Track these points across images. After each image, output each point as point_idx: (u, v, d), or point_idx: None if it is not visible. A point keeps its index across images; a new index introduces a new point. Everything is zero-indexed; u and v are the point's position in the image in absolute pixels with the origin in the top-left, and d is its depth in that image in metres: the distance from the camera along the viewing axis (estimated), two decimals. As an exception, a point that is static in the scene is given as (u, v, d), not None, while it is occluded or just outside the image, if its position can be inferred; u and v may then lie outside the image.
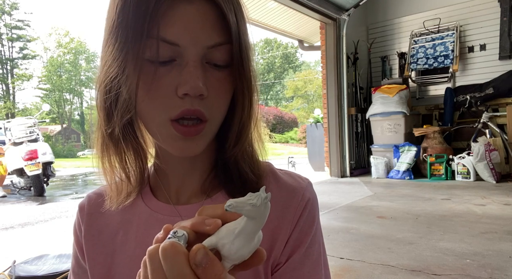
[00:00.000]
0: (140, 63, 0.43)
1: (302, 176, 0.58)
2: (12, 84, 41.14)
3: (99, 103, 0.49)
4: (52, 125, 43.74)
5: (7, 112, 37.18)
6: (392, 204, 4.06)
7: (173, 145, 0.47)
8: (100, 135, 0.51)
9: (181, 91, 0.43)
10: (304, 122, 24.26)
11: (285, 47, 45.41)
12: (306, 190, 0.54)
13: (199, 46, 0.43)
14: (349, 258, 2.42)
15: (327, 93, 6.50)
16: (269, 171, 0.56)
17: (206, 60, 0.45)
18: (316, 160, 7.49)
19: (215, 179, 0.54)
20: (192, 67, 0.43)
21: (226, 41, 0.44)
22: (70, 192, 7.73)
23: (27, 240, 3.65)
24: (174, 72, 0.44)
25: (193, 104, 0.44)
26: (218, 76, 0.46)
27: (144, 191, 0.56)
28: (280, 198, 0.52)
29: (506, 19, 5.81)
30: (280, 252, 0.50)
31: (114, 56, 0.45)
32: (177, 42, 0.43)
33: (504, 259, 2.27)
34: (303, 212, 0.52)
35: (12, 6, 41.38)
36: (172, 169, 0.54)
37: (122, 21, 0.43)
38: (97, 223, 0.56)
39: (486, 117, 5.62)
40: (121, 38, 0.43)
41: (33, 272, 2.11)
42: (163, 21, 0.42)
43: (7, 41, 41.49)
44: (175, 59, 0.44)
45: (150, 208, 0.54)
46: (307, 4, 5.61)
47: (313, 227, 0.53)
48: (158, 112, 0.45)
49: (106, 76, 0.46)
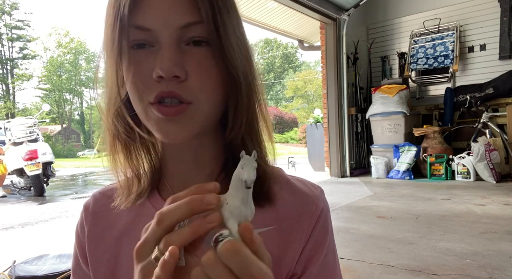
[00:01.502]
0: (117, 53, 0.44)
1: (315, 183, 0.57)
2: (12, 84, 41.14)
3: (101, 102, 0.50)
4: (52, 125, 43.74)
5: (7, 112, 37.18)
6: (392, 204, 4.06)
7: (158, 128, 0.46)
8: (107, 135, 0.51)
9: (154, 74, 0.43)
10: (304, 122, 24.26)
11: (285, 47, 45.40)
12: (320, 199, 0.54)
13: (171, 28, 0.43)
14: (349, 258, 2.42)
15: (327, 93, 6.50)
16: (281, 176, 0.55)
17: (185, 42, 0.44)
18: (316, 160, 7.48)
19: (226, 180, 0.52)
20: (165, 49, 0.43)
21: (200, 20, 0.43)
22: (70, 192, 7.73)
23: (27, 240, 3.65)
24: (152, 57, 0.44)
25: (168, 86, 0.43)
26: (199, 57, 0.44)
27: (152, 190, 0.55)
28: (294, 206, 0.52)
29: (506, 19, 5.81)
30: (294, 261, 0.50)
31: (104, 51, 0.47)
32: (148, 27, 0.43)
33: (504, 259, 2.27)
34: (317, 221, 0.52)
35: (12, 6, 41.39)
36: (175, 164, 0.53)
37: (106, 15, 0.45)
38: (101, 223, 0.55)
39: (486, 117, 5.62)
40: (105, 32, 0.45)
41: (33, 272, 2.11)
42: (135, 8, 0.43)
43: (7, 41, 41.50)
44: (153, 45, 0.44)
45: (157, 209, 0.52)
46: (307, 4, 5.61)
47: (327, 237, 0.53)
48: (139, 96, 0.45)
49: (102, 72, 0.48)
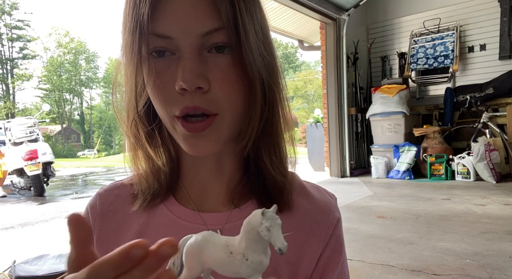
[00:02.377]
0: (137, 61, 0.43)
1: (329, 191, 0.57)
2: (12, 84, 41.15)
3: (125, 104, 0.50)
4: (52, 125, 43.74)
5: (7, 112, 37.18)
6: (392, 204, 4.06)
7: (185, 143, 0.45)
8: (128, 141, 0.51)
9: (177, 86, 0.41)
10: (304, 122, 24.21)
11: (285, 47, 45.41)
12: (336, 208, 0.55)
13: (192, 35, 0.41)
14: (349, 258, 2.42)
15: (327, 93, 6.50)
16: (297, 183, 0.54)
17: (207, 49, 0.43)
18: (316, 160, 7.48)
19: (245, 187, 0.51)
20: (186, 59, 0.41)
21: (222, 26, 0.42)
22: (70, 192, 7.72)
23: (27, 240, 3.65)
24: (174, 66, 0.42)
25: (193, 100, 0.42)
26: (222, 65, 0.43)
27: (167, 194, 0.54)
28: (311, 213, 0.52)
29: (506, 19, 5.80)
30: (311, 268, 0.50)
31: (123, 57, 0.46)
32: (169, 35, 0.42)
33: (504, 259, 2.27)
34: (334, 230, 0.53)
35: (12, 6, 41.39)
36: (195, 169, 0.52)
37: (125, 22, 0.44)
38: (112, 224, 0.53)
39: (486, 117, 5.62)
40: (124, 38, 0.44)
41: (33, 272, 2.10)
42: (155, 15, 0.41)
43: (7, 41, 41.51)
44: (175, 53, 0.43)
45: (172, 212, 0.51)
46: (307, 4, 5.61)
47: (343, 246, 0.54)
48: (163, 109, 0.44)
49: (123, 76, 0.48)
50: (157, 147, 0.51)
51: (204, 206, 0.52)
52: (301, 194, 0.53)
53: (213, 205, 0.52)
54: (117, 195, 0.55)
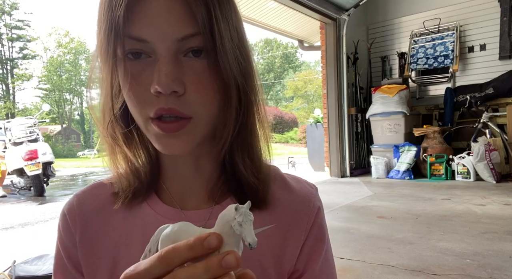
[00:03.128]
0: (112, 63, 0.43)
1: (310, 182, 0.58)
2: (12, 84, 41.13)
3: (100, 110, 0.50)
4: (52, 125, 43.72)
5: (7, 112, 37.16)
6: (392, 204, 4.06)
7: (159, 143, 0.46)
8: (106, 141, 0.51)
9: (152, 89, 0.42)
10: (304, 122, 24.25)
11: (285, 47, 45.39)
12: (316, 197, 0.56)
13: (168, 40, 0.42)
14: (349, 258, 2.42)
15: (327, 93, 6.50)
16: (278, 176, 0.55)
17: (183, 53, 0.43)
18: (316, 160, 7.48)
19: (224, 184, 0.53)
20: (162, 63, 0.42)
21: (197, 32, 0.42)
22: (70, 192, 7.73)
23: (27, 240, 3.65)
24: (150, 69, 0.43)
25: (168, 102, 0.42)
26: (198, 69, 0.43)
27: (149, 194, 0.54)
28: (291, 204, 0.53)
29: (506, 19, 5.80)
30: (294, 258, 0.51)
31: (98, 60, 0.46)
32: (145, 38, 0.42)
33: (504, 259, 2.27)
34: (315, 219, 0.54)
35: (12, 6, 41.37)
36: (175, 169, 0.53)
37: (99, 24, 0.44)
38: (93, 225, 0.52)
39: (486, 117, 5.62)
40: (99, 41, 0.44)
41: (33, 272, 2.11)
42: (132, 19, 0.41)
43: (7, 41, 41.49)
44: (151, 56, 0.43)
45: (156, 211, 0.52)
46: (307, 4, 5.61)
47: (325, 234, 0.55)
48: (138, 110, 0.44)
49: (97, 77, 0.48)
50: (135, 148, 0.51)
51: (187, 205, 0.52)
52: (281, 186, 0.54)
53: (195, 203, 0.52)
54: (96, 195, 0.55)
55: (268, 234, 0.50)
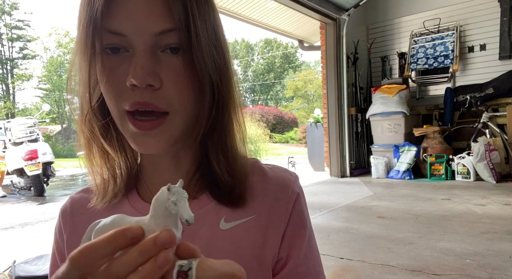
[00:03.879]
0: (90, 56, 0.44)
1: (289, 170, 0.59)
2: (12, 84, 41.11)
3: (79, 103, 0.50)
4: (52, 125, 43.67)
5: (7, 112, 37.15)
6: (392, 204, 4.06)
7: (133, 141, 0.46)
8: (83, 136, 0.51)
9: (128, 82, 0.42)
10: (304, 122, 24.23)
11: (285, 47, 45.36)
12: (295, 184, 0.56)
13: (145, 34, 0.42)
14: (349, 258, 2.42)
15: (327, 93, 6.50)
16: (256, 167, 0.56)
17: (160, 49, 0.44)
18: (316, 160, 7.48)
19: (201, 180, 0.53)
20: (139, 57, 0.42)
21: (174, 27, 0.43)
22: (70, 192, 7.71)
23: (27, 240, 3.65)
24: (126, 63, 0.43)
25: (143, 96, 0.43)
26: (174, 65, 0.44)
27: (131, 191, 0.55)
28: (269, 193, 0.53)
29: (506, 19, 5.80)
30: (277, 246, 0.51)
31: (77, 54, 0.46)
32: (122, 32, 0.42)
33: (504, 259, 2.27)
34: (294, 205, 0.54)
35: (12, 6, 41.36)
36: (155, 167, 0.53)
37: (79, 17, 0.44)
38: (80, 226, 0.53)
39: (486, 117, 5.62)
40: (79, 35, 0.45)
41: (33, 272, 2.11)
42: (109, 13, 0.42)
43: (7, 41, 41.48)
44: (128, 50, 0.43)
45: (135, 209, 0.52)
46: (307, 4, 5.61)
47: (306, 220, 0.55)
48: (114, 103, 0.45)
49: (76, 74, 0.48)
50: (112, 141, 0.51)
51: None
52: (260, 177, 0.55)
53: None
54: (87, 198, 0.56)
55: (248, 226, 0.50)
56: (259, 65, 43.05)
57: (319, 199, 4.51)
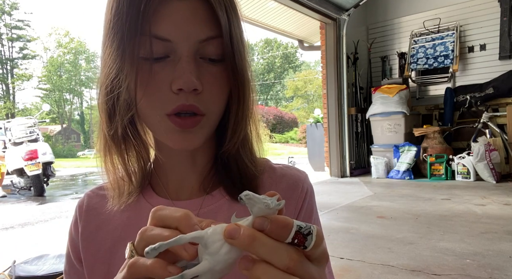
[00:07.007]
0: (136, 61, 0.44)
1: (299, 168, 0.60)
2: (12, 84, 41.12)
3: (101, 104, 0.50)
4: (52, 125, 43.72)
5: (7, 112, 37.15)
6: (392, 204, 4.06)
7: (172, 138, 0.47)
8: (102, 136, 0.51)
9: (175, 86, 0.44)
10: (304, 122, 24.24)
11: (285, 47, 45.37)
12: (305, 181, 0.57)
13: (191, 40, 0.44)
14: (349, 258, 2.42)
15: (327, 93, 6.50)
16: (267, 166, 0.58)
17: (200, 55, 0.45)
18: (316, 160, 7.48)
19: (215, 176, 0.55)
20: (185, 62, 0.44)
21: (218, 35, 0.45)
22: (70, 192, 7.73)
23: (27, 240, 3.65)
24: (168, 68, 0.44)
25: (188, 99, 0.45)
26: (213, 70, 0.46)
27: (145, 188, 0.57)
28: (280, 191, 0.54)
29: (506, 19, 5.80)
30: None
31: (111, 57, 0.46)
32: (168, 38, 0.43)
33: (504, 259, 2.27)
34: (303, 203, 0.55)
35: (12, 6, 41.36)
36: (172, 164, 0.55)
37: (117, 21, 0.44)
38: (95, 220, 0.56)
39: (486, 117, 5.62)
40: (117, 38, 0.44)
41: (33, 272, 2.11)
42: (154, 18, 0.43)
43: (7, 41, 41.48)
44: (169, 55, 0.45)
45: (151, 204, 0.54)
46: (307, 4, 5.61)
47: (314, 216, 0.57)
48: (155, 108, 0.46)
49: (106, 77, 0.47)
50: (130, 143, 0.52)
51: (180, 196, 0.55)
52: (270, 176, 0.57)
53: (188, 194, 0.55)
54: (102, 195, 0.57)
55: None
56: (259, 65, 43.06)
57: (319, 199, 4.51)
